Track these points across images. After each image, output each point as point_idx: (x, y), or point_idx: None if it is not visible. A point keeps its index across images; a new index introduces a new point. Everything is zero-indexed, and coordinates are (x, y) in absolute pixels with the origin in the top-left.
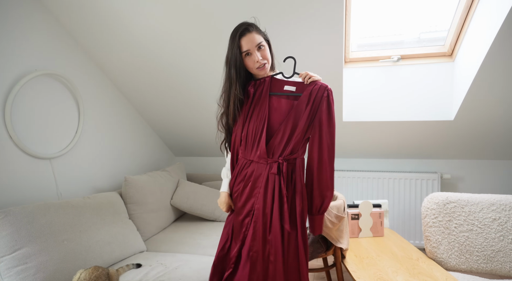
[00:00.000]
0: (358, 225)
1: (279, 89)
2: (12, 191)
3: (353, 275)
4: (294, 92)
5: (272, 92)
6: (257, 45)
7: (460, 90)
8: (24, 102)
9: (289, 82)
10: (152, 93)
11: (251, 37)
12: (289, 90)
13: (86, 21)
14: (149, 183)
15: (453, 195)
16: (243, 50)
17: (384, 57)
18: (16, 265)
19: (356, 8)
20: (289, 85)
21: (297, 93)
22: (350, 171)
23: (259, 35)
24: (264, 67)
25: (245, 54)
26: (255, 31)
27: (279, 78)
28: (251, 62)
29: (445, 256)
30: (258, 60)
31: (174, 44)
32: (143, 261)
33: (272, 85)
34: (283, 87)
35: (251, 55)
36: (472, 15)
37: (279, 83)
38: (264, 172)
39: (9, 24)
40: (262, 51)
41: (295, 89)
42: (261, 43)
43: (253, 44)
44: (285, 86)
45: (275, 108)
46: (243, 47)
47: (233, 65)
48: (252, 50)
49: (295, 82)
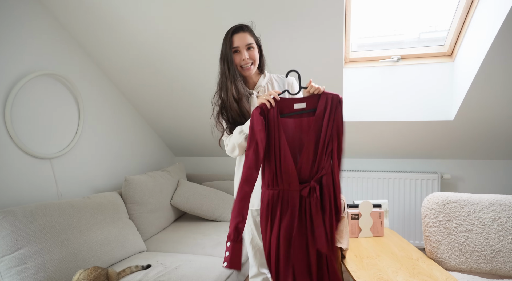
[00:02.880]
0: (358, 225)
1: (289, 108)
2: (12, 191)
3: (353, 275)
4: (305, 109)
5: (283, 114)
6: (247, 45)
7: (460, 90)
8: (24, 102)
9: (297, 100)
10: (152, 93)
11: (243, 35)
12: (300, 108)
13: (86, 21)
14: (149, 183)
15: (453, 195)
16: (233, 46)
17: (384, 57)
18: (16, 265)
19: (356, 8)
20: (298, 103)
21: (308, 109)
22: (350, 171)
23: (250, 37)
24: (250, 68)
25: (234, 51)
26: (248, 32)
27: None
28: (237, 59)
29: (445, 256)
30: (245, 58)
31: (175, 44)
32: (143, 261)
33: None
34: (293, 106)
35: (239, 52)
36: (472, 15)
37: (286, 102)
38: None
39: (9, 24)
40: (250, 51)
41: (305, 105)
42: (251, 44)
43: (243, 42)
44: (294, 105)
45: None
46: (234, 43)
47: (225, 61)
48: (241, 48)
49: (303, 98)
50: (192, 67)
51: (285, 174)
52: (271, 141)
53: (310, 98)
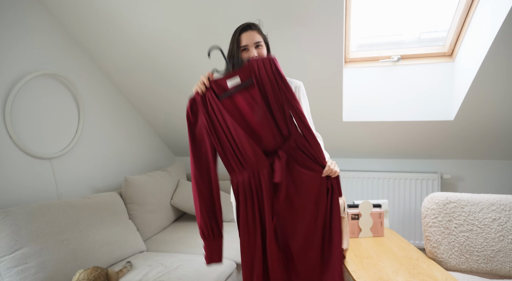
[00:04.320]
0: (358, 225)
1: (224, 88)
2: (12, 191)
3: (353, 275)
4: (241, 82)
5: (220, 96)
6: (256, 43)
7: (460, 90)
8: (24, 102)
9: (228, 76)
10: (152, 93)
11: (251, 34)
12: (235, 84)
13: (86, 21)
14: (149, 183)
15: (453, 195)
16: (242, 45)
17: (384, 57)
18: (16, 265)
19: (356, 8)
20: (230, 79)
21: (244, 81)
22: (350, 171)
23: (259, 35)
24: None
25: (243, 49)
26: (256, 30)
27: (216, 79)
28: (246, 57)
29: (445, 256)
30: (254, 56)
31: (175, 44)
32: (143, 261)
33: (216, 89)
34: (227, 84)
35: (248, 51)
36: (472, 15)
37: (220, 83)
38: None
39: (9, 24)
40: (259, 49)
41: (239, 79)
42: (259, 43)
43: (251, 40)
44: (227, 82)
45: (239, 107)
46: (242, 42)
47: (231, 59)
48: (250, 46)
49: (233, 72)
50: (193, 67)
51: (246, 155)
52: (217, 128)
53: (242, 70)
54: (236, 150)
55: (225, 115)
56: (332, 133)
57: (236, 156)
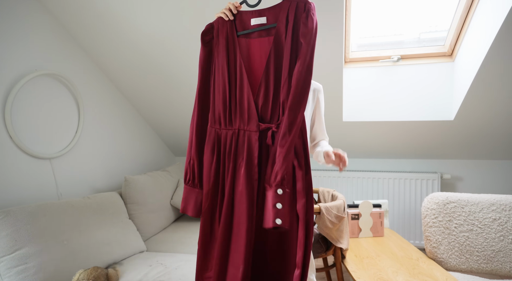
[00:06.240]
0: (358, 225)
1: (247, 25)
2: (12, 191)
3: (353, 275)
4: (265, 24)
5: (239, 32)
6: None
7: (460, 90)
8: (24, 102)
9: (256, 13)
10: (152, 93)
11: None
12: (258, 23)
13: (86, 21)
14: (149, 183)
15: (453, 195)
16: None
17: (384, 57)
18: (16, 265)
19: (356, 8)
20: (256, 17)
21: (269, 24)
22: (350, 171)
23: None
24: None
25: None
26: None
27: (242, 12)
28: None
29: (445, 256)
30: None
31: (174, 44)
32: (143, 261)
33: (238, 22)
34: (250, 21)
35: None
36: (472, 15)
37: (244, 16)
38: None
39: (9, 24)
40: None
41: (265, 20)
42: None
43: None
44: (251, 20)
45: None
46: None
47: None
48: None
49: (264, 9)
50: (193, 67)
51: (241, 109)
52: (223, 65)
53: (272, 10)
54: (233, 99)
55: (237, 55)
56: (332, 133)
57: (230, 106)
